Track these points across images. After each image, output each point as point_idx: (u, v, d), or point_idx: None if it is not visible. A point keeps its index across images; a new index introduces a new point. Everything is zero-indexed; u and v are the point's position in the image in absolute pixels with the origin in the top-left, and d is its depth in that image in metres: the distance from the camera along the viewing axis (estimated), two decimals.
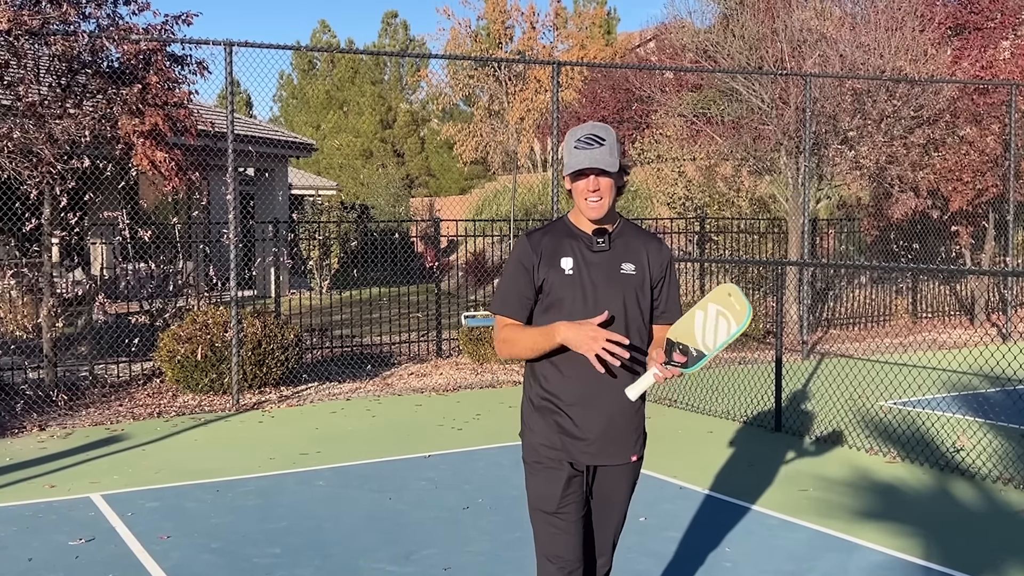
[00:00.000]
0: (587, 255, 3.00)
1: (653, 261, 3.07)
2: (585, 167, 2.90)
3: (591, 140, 2.93)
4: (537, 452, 3.03)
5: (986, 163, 13.07)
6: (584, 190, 2.95)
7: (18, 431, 7.86)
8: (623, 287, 3.00)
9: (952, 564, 4.68)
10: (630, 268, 3.02)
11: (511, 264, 3.06)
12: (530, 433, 3.07)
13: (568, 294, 2.98)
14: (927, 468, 6.44)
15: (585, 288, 2.98)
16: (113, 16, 8.72)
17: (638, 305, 3.02)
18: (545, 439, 3.02)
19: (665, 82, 15.15)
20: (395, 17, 46.85)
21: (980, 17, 14.74)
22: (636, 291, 3.01)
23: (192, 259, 12.95)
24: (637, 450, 3.09)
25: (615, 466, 3.06)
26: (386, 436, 7.67)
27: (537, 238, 3.05)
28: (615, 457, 3.04)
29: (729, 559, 4.79)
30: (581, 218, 3.04)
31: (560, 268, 2.99)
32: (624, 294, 2.99)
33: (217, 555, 4.87)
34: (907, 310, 14.50)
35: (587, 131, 2.97)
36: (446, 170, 39.93)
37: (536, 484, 3.04)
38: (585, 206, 2.97)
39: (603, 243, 3.00)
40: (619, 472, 3.08)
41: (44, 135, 8.16)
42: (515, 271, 3.04)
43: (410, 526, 5.32)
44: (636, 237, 3.09)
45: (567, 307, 2.97)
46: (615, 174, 2.95)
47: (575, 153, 2.94)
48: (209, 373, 8.93)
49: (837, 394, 8.52)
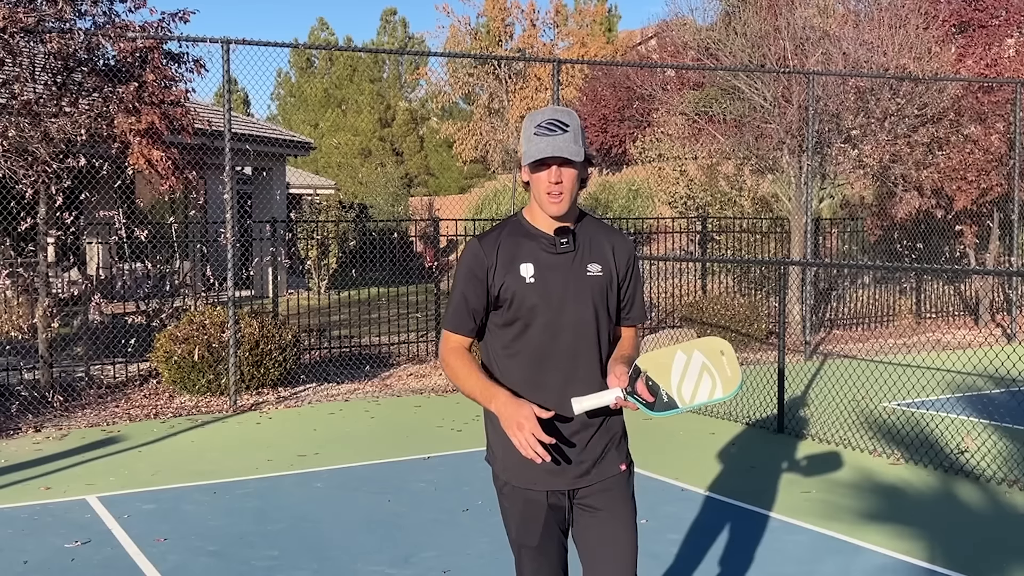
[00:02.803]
0: (548, 258, 2.68)
1: (619, 259, 2.77)
2: (547, 156, 2.58)
3: (553, 126, 2.60)
4: (510, 475, 2.73)
5: (991, 162, 13.02)
6: (545, 182, 2.62)
7: (13, 432, 7.82)
8: (591, 291, 2.70)
9: (956, 567, 4.64)
10: (596, 269, 2.71)
11: (461, 273, 2.71)
12: (495, 459, 2.78)
13: (531, 305, 2.66)
14: (931, 470, 6.40)
15: (551, 297, 2.66)
16: (109, 13, 8.69)
17: (607, 309, 2.74)
18: (515, 460, 2.65)
19: (666, 80, 15.10)
20: (394, 15, 46.82)
21: (985, 14, 14.67)
22: (604, 294, 2.73)
23: (189, 259, 12.89)
24: (623, 457, 2.78)
25: (604, 480, 2.75)
26: (385, 437, 7.63)
27: (490, 241, 2.70)
28: (599, 473, 2.73)
29: (731, 562, 4.75)
30: (539, 215, 2.70)
31: (519, 275, 2.66)
32: (593, 299, 2.70)
33: (214, 558, 4.84)
34: (911, 310, 14.44)
35: (548, 116, 2.63)
36: (445, 169, 39.91)
37: (513, 515, 2.77)
38: (546, 201, 2.63)
39: (567, 243, 2.68)
40: (610, 485, 2.75)
41: (39, 134, 8.11)
42: (466, 281, 2.69)
43: (409, 528, 5.29)
44: (599, 233, 2.78)
45: (531, 320, 2.67)
46: (579, 164, 2.63)
47: (534, 140, 2.61)
48: (206, 374, 8.88)
49: (840, 395, 8.47)
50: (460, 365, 2.70)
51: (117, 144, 8.62)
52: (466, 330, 2.73)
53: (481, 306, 2.70)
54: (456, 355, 2.72)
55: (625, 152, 22.62)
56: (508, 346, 2.72)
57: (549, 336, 2.68)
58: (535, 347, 2.69)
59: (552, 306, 2.66)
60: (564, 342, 2.68)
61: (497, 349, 2.75)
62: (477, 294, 2.69)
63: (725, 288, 13.60)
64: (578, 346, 2.69)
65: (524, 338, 2.69)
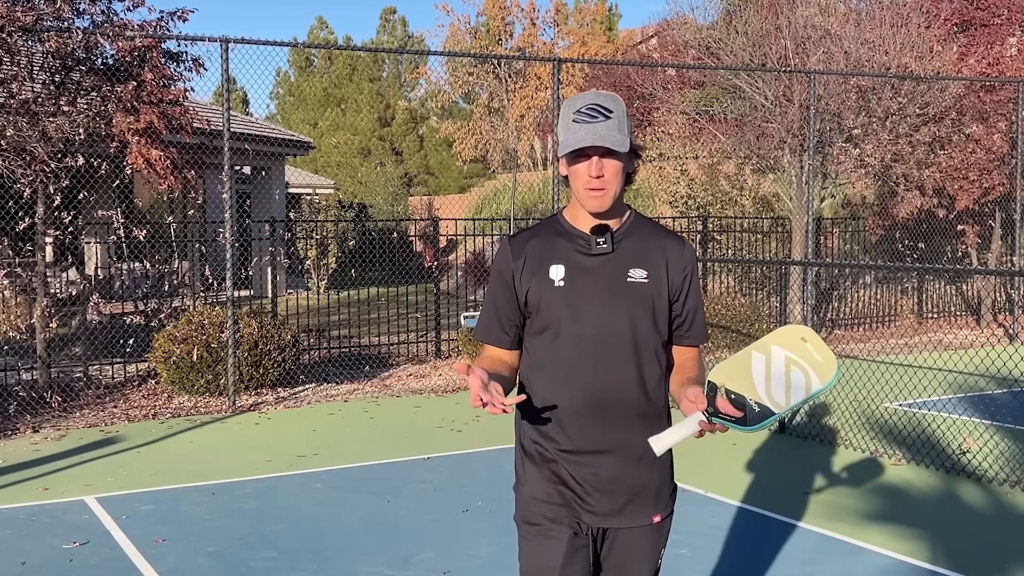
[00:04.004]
0: (582, 260, 2.36)
1: (673, 266, 2.40)
2: (586, 145, 2.26)
3: (594, 111, 2.28)
4: (531, 510, 2.42)
5: (993, 161, 13.00)
6: (584, 175, 2.30)
7: (11, 433, 7.80)
8: (630, 300, 2.34)
9: (959, 568, 4.62)
10: (640, 275, 2.35)
11: (492, 277, 2.46)
12: (521, 486, 2.48)
13: (558, 312, 2.34)
14: (933, 470, 6.38)
15: (580, 303, 2.34)
16: (107, 12, 8.66)
17: (653, 323, 2.36)
18: (541, 492, 2.39)
19: (667, 79, 15.07)
20: (393, 13, 46.73)
21: (987, 13, 14.65)
22: (649, 305, 2.35)
23: (188, 259, 12.86)
24: (661, 508, 2.44)
25: (631, 529, 2.41)
26: (384, 438, 7.61)
27: (521, 241, 2.43)
28: (631, 517, 2.39)
29: (732, 563, 4.72)
30: (579, 213, 2.40)
31: (548, 278, 2.35)
32: (631, 310, 2.34)
33: (213, 559, 4.83)
34: (912, 310, 14.41)
35: (589, 101, 2.31)
36: (445, 168, 39.86)
37: (530, 553, 2.42)
38: (585, 196, 2.32)
39: (604, 243, 2.35)
40: (636, 537, 2.41)
41: (37, 133, 8.08)
42: (495, 285, 2.43)
43: (408, 529, 5.28)
44: (650, 236, 2.43)
45: (558, 328, 2.35)
46: (624, 155, 2.31)
47: (573, 128, 2.29)
48: (205, 374, 8.85)
49: (842, 395, 8.45)
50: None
51: (115, 143, 8.60)
52: (496, 339, 2.43)
53: (514, 313, 2.40)
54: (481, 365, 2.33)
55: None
56: (535, 359, 2.42)
57: (577, 349, 2.35)
58: (561, 362, 2.36)
59: (581, 314, 2.34)
60: (593, 357, 2.34)
61: (527, 363, 2.45)
62: (507, 299, 2.40)
63: (726, 288, 13.57)
64: (611, 363, 2.34)
65: (551, 351, 2.38)
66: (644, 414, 2.38)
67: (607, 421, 2.35)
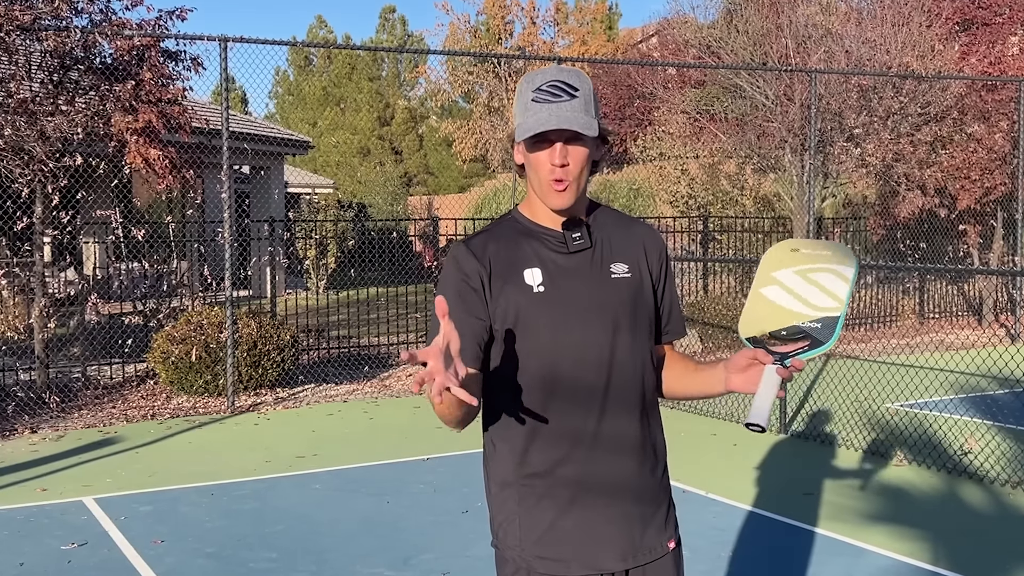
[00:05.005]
0: (559, 260, 2.03)
1: (651, 255, 2.13)
2: (549, 129, 1.92)
3: (557, 89, 1.94)
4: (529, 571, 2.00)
5: (994, 161, 12.98)
6: (546, 164, 1.96)
7: (9, 433, 7.78)
8: (620, 298, 2.05)
9: (960, 569, 4.60)
10: (623, 270, 2.07)
11: (451, 287, 2.01)
12: (509, 537, 2.03)
13: (541, 323, 1.99)
14: (935, 471, 6.35)
15: (567, 309, 2.00)
16: (106, 11, 8.66)
17: (643, 320, 2.09)
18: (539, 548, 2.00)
19: (668, 78, 15.05)
20: (393, 12, 46.70)
21: (988, 12, 14.64)
22: (636, 302, 2.07)
23: (186, 258, 12.84)
24: (671, 531, 2.15)
25: (649, 564, 2.08)
26: (384, 438, 7.59)
27: (480, 244, 2.04)
28: (648, 550, 2.07)
29: (733, 564, 4.70)
30: (539, 209, 2.05)
31: (524, 284, 2.00)
32: (623, 309, 2.05)
33: (212, 560, 4.81)
34: (914, 310, 14.39)
35: (550, 77, 1.96)
36: (445, 168, 39.85)
37: None
38: (547, 189, 1.97)
39: (581, 239, 2.03)
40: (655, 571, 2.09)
41: (36, 132, 8.07)
42: (459, 296, 1.98)
43: (408, 530, 5.26)
44: (620, 225, 2.14)
45: (541, 339, 1.99)
46: (592, 140, 1.98)
47: (533, 109, 1.94)
48: (204, 375, 8.83)
49: (843, 396, 8.42)
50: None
51: (114, 143, 8.59)
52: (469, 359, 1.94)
53: (479, 328, 1.99)
54: None
55: (626, 151, 22.56)
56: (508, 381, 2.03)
57: (568, 364, 2.00)
58: (549, 380, 2.01)
59: (571, 323, 2.00)
60: (589, 371, 2.02)
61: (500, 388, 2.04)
62: (477, 311, 1.99)
63: (727, 288, 13.55)
64: (609, 376, 2.03)
65: (532, 369, 2.01)
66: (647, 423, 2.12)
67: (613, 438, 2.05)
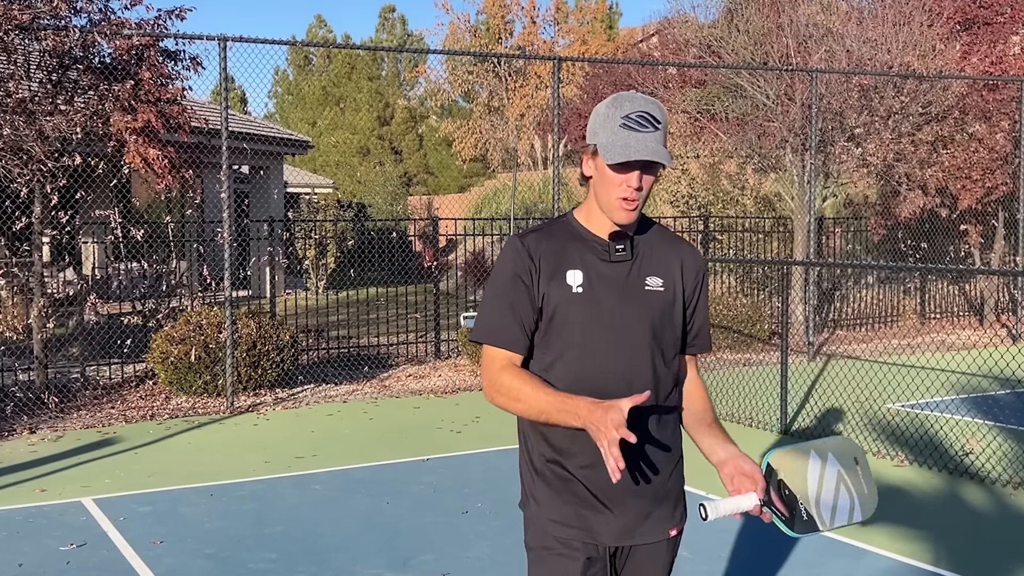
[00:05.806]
0: (600, 267, 2.26)
1: (688, 274, 2.36)
2: (634, 160, 2.15)
3: (644, 120, 2.16)
4: (545, 533, 2.30)
5: (996, 160, 12.96)
6: (623, 187, 2.19)
7: (8, 434, 7.77)
8: (648, 309, 2.28)
9: (962, 569, 4.60)
10: (657, 283, 2.30)
11: (502, 276, 2.29)
12: (535, 506, 2.34)
13: (575, 321, 2.24)
14: (936, 472, 6.35)
15: (600, 312, 2.24)
16: (105, 11, 8.63)
17: (669, 333, 2.32)
18: (557, 514, 2.29)
19: (668, 78, 15.03)
20: (393, 12, 46.71)
21: (989, 12, 14.62)
22: (665, 314, 2.30)
23: (186, 258, 12.83)
24: (677, 521, 2.39)
25: (648, 545, 2.35)
26: (383, 439, 7.57)
27: (534, 241, 2.29)
28: (649, 533, 2.33)
29: (735, 565, 4.69)
30: (596, 218, 2.29)
31: (565, 284, 2.25)
32: (652, 319, 2.28)
33: (211, 561, 4.81)
34: (915, 311, 14.37)
35: (638, 107, 2.18)
36: (445, 168, 39.84)
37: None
38: (617, 207, 2.21)
39: (623, 250, 2.27)
40: (653, 553, 2.36)
41: (34, 132, 8.04)
42: (510, 285, 2.27)
43: (408, 531, 5.25)
44: (663, 242, 2.37)
45: (573, 338, 2.25)
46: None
47: (620, 134, 2.16)
48: (203, 375, 8.81)
49: (844, 396, 8.41)
50: (521, 383, 2.21)
51: (113, 142, 8.57)
52: (514, 342, 2.26)
53: (530, 316, 2.25)
54: (511, 373, 2.23)
55: None
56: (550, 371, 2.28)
57: (595, 361, 2.25)
58: (577, 375, 2.25)
59: (602, 323, 2.25)
60: (613, 370, 2.25)
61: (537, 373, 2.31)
62: (526, 302, 2.25)
63: (728, 288, 13.53)
64: (630, 373, 2.26)
65: (563, 363, 2.27)
66: (663, 423, 2.34)
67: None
